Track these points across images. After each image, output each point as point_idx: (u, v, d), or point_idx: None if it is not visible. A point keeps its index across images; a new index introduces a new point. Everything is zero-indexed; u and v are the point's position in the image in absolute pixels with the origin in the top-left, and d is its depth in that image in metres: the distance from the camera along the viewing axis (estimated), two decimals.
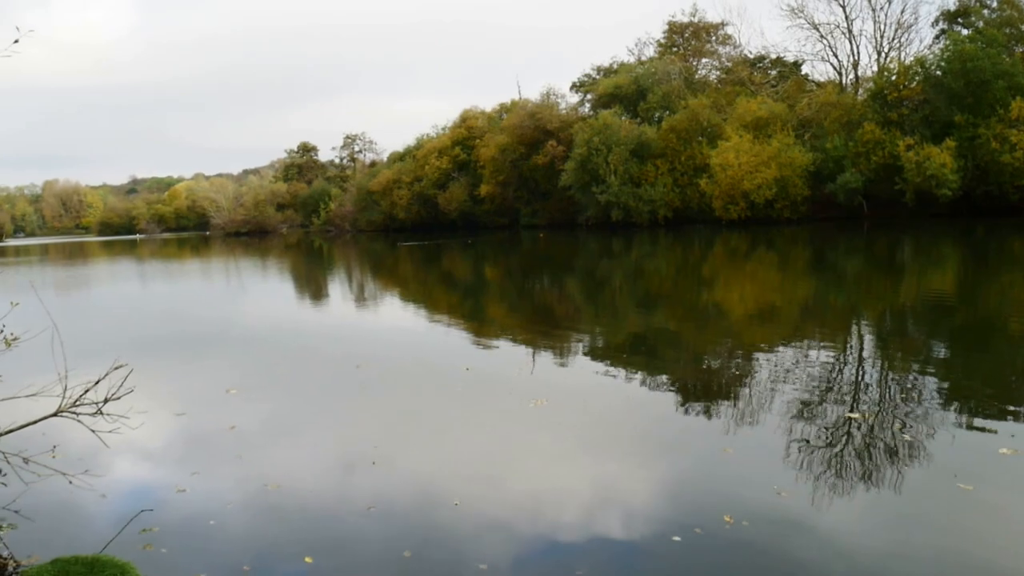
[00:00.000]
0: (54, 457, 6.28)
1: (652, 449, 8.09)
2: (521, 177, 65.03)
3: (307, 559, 5.69)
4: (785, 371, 10.66)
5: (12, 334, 5.77)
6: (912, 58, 48.35)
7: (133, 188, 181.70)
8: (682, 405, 9.55)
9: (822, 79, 58.46)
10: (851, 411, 8.66)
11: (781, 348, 12.51)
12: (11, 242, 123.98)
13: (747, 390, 9.98)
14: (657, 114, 58.46)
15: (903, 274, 23.16)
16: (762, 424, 8.44)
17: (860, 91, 52.94)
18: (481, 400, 10.17)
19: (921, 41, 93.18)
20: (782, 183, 46.86)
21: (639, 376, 11.19)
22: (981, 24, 47.34)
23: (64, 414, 5.78)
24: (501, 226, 67.90)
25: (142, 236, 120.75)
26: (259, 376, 12.42)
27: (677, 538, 5.76)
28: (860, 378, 10.38)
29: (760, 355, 12.06)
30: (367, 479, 7.35)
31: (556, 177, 58.65)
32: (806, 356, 11.71)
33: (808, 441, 7.74)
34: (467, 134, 73.30)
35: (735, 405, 9.34)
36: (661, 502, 6.57)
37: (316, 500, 6.92)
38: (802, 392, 9.50)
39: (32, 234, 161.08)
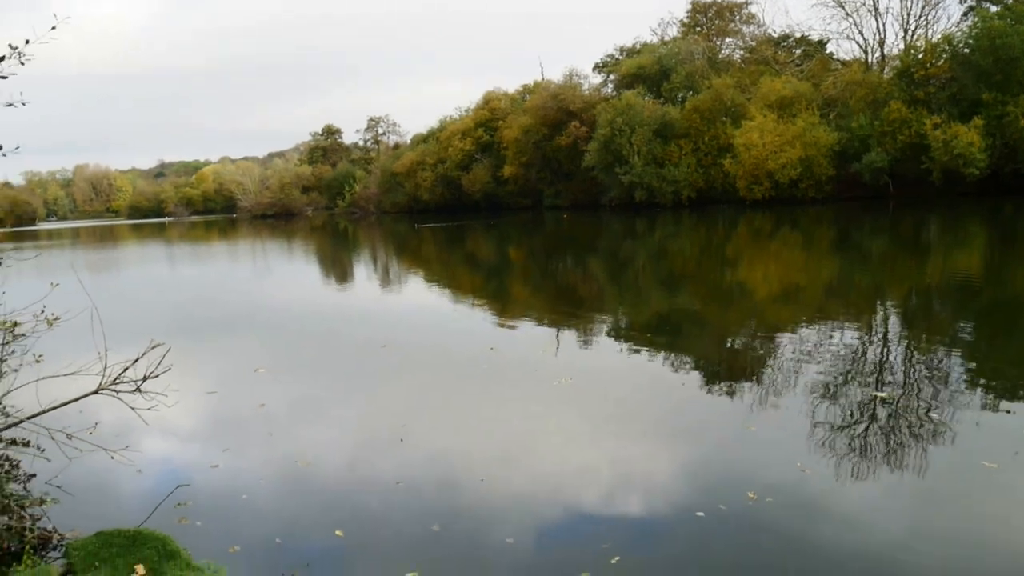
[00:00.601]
0: (91, 434, 6.44)
1: (676, 428, 8.16)
2: (544, 158, 64.82)
3: (338, 532, 5.86)
4: (809, 351, 10.67)
5: (53, 314, 5.96)
6: (939, 36, 47.41)
7: (161, 172, 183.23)
8: (706, 385, 9.59)
9: (847, 58, 57.39)
10: (876, 391, 8.67)
11: (805, 328, 12.50)
12: (44, 226, 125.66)
13: (771, 370, 10.02)
14: (680, 94, 57.89)
15: (929, 254, 22.93)
16: (786, 404, 8.47)
17: (886, 70, 52.01)
18: (506, 380, 10.29)
19: (948, 18, 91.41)
20: (807, 163, 46.34)
21: (663, 356, 11.25)
22: (1010, 0, 46.33)
23: (104, 391, 5.97)
24: (524, 207, 67.82)
25: (171, 219, 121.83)
26: (286, 356, 12.63)
27: (701, 513, 5.86)
28: (885, 358, 10.37)
29: (784, 335, 12.07)
30: (395, 456, 7.51)
31: (579, 158, 58.38)
32: (831, 336, 11.69)
33: (832, 421, 7.78)
34: (490, 116, 73.13)
35: (759, 385, 9.38)
36: (685, 479, 6.67)
37: (345, 476, 7.12)
38: (827, 372, 9.52)
39: (64, 218, 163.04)
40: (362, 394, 10.15)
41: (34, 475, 6.48)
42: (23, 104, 5.21)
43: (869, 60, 54.76)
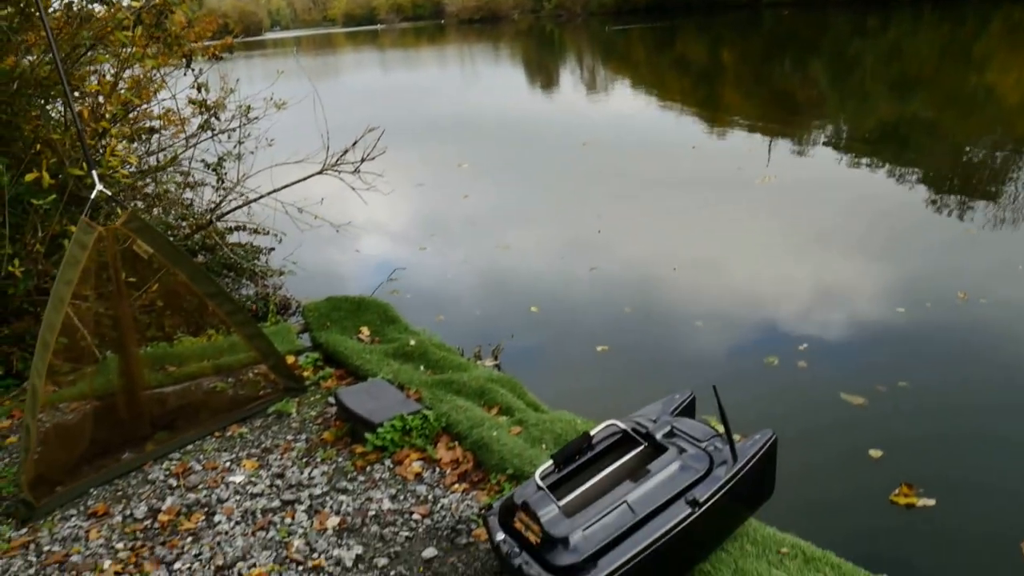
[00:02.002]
0: (316, 219, 7.01)
1: (885, 233, 7.67)
2: None
3: (533, 308, 6.30)
4: None
5: (280, 99, 6.45)
6: None
7: None
8: (929, 196, 8.83)
9: None
10: None
11: None
12: (269, 35, 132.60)
13: (1012, 184, 9.01)
14: None
15: None
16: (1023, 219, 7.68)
17: None
18: (706, 177, 10.09)
19: None
20: None
21: (885, 165, 10.40)
22: None
23: (327, 172, 6.49)
24: (740, 4, 62.37)
25: (382, 26, 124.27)
26: (489, 154, 13.05)
27: (901, 309, 5.65)
28: None
29: None
30: (590, 244, 7.80)
31: None
32: None
33: None
34: None
35: (994, 199, 8.48)
36: (887, 279, 6.40)
37: (541, 260, 7.55)
38: None
39: (286, 27, 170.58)
40: (561, 188, 10.39)
41: (272, 249, 7.33)
42: None
43: None
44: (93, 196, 3.91)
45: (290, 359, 5.01)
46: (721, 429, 2.82)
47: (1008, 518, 3.46)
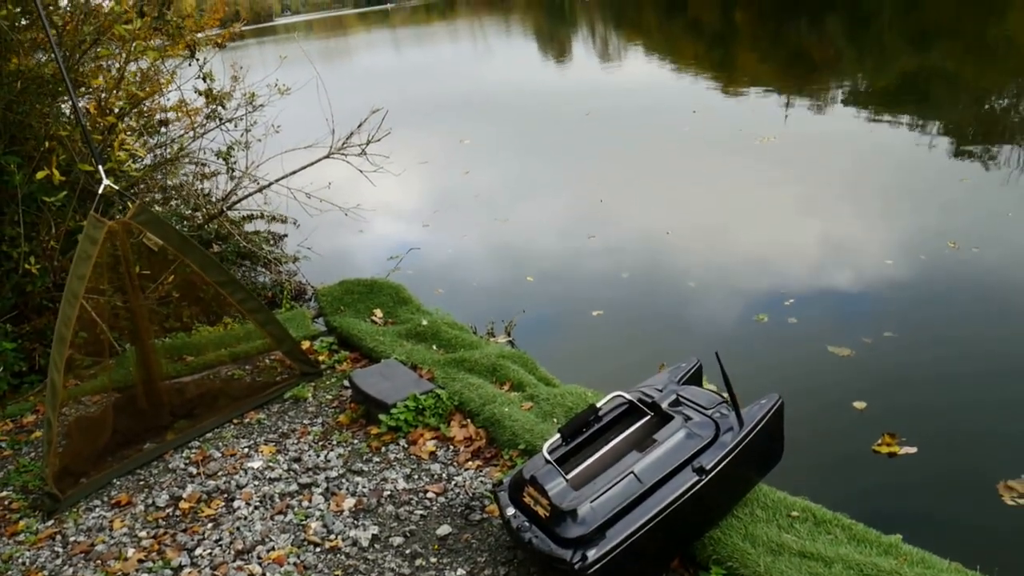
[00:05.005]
0: (322, 202, 6.97)
1: (883, 185, 7.65)
2: None
3: (528, 279, 6.44)
4: None
5: (284, 85, 6.44)
6: None
7: None
8: (933, 146, 8.69)
9: None
10: None
11: None
12: (280, 21, 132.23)
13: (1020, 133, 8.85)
14: None
15: None
16: None
17: None
18: (708, 141, 10.13)
19: None
20: None
21: (904, 120, 10.21)
22: None
23: (334, 156, 6.49)
24: None
25: (393, 5, 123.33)
26: (492, 129, 13.12)
27: (889, 261, 5.69)
28: None
29: None
30: (590, 213, 7.90)
31: None
32: None
33: None
34: None
35: (1001, 148, 8.33)
36: (879, 231, 6.45)
37: (540, 231, 7.66)
38: None
39: (296, 12, 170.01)
40: (562, 159, 10.48)
41: (286, 235, 7.37)
42: None
43: None
44: (100, 191, 3.96)
45: (305, 344, 5.06)
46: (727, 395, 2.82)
47: (985, 461, 3.51)
